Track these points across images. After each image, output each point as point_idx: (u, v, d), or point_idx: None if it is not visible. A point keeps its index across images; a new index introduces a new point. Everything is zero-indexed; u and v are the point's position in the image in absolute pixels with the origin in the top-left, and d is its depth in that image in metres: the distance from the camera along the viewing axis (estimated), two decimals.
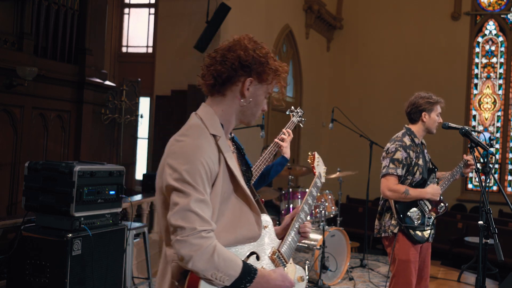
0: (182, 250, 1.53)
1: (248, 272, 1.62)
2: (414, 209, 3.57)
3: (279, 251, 1.87)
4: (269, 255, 1.82)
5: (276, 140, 3.32)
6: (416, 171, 3.59)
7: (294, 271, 1.96)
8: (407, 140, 3.60)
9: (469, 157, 3.79)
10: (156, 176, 1.73)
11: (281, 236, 1.96)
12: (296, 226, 1.99)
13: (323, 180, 2.38)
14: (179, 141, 1.67)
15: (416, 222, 3.54)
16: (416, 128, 3.69)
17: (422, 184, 3.63)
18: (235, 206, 1.73)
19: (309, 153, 2.50)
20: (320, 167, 2.41)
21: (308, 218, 6.44)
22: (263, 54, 1.76)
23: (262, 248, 1.79)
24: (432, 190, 3.60)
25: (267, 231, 1.83)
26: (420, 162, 3.62)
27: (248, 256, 1.72)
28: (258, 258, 1.75)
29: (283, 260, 1.88)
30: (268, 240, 1.82)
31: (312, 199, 2.16)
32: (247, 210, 1.75)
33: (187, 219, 1.54)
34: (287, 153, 3.31)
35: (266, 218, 1.85)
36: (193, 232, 1.53)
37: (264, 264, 1.78)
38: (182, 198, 1.57)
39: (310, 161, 2.44)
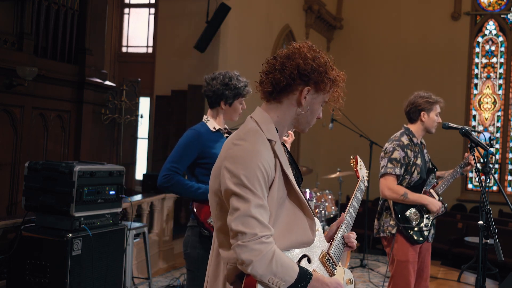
0: (243, 255, 1.55)
1: (304, 277, 1.64)
2: (413, 209, 3.57)
3: (329, 254, 1.88)
4: (320, 257, 1.83)
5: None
6: (414, 170, 3.59)
7: (343, 274, 1.97)
8: (405, 140, 3.61)
9: (471, 156, 3.79)
10: (211, 177, 1.75)
11: (329, 239, 1.97)
12: (343, 227, 2.00)
13: (366, 183, 2.39)
14: (237, 145, 1.67)
15: (414, 223, 3.54)
16: (415, 127, 3.68)
17: (421, 184, 3.63)
18: (290, 210, 1.74)
19: (351, 156, 2.50)
20: (363, 171, 2.43)
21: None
22: (322, 63, 1.77)
23: (312, 251, 1.80)
24: (433, 200, 3.60)
25: (317, 234, 1.84)
26: (419, 161, 3.62)
27: (300, 259, 1.73)
28: (309, 261, 1.76)
29: (333, 263, 1.89)
30: (317, 243, 1.83)
31: (357, 202, 2.18)
32: (301, 214, 1.76)
33: (247, 224, 1.56)
34: None
35: (316, 222, 1.86)
36: (254, 238, 1.55)
37: (315, 267, 1.78)
38: (242, 204, 1.58)
39: (352, 165, 2.45)
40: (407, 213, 3.55)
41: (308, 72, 1.73)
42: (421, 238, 3.57)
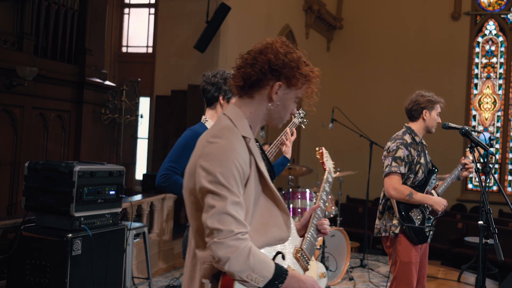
0: (219, 252, 1.54)
1: (280, 273, 1.64)
2: (416, 209, 3.57)
3: (302, 249, 1.89)
4: (294, 253, 1.84)
5: (281, 138, 3.30)
6: (419, 169, 3.58)
7: (316, 268, 1.99)
8: (408, 138, 3.59)
9: (466, 160, 3.78)
10: (185, 176, 1.74)
11: (301, 233, 1.98)
12: (314, 222, 2.01)
13: (333, 174, 2.39)
14: (212, 142, 1.66)
15: (417, 222, 3.53)
16: (416, 126, 3.67)
17: (424, 183, 3.62)
18: (265, 207, 1.75)
19: (317, 148, 2.50)
20: (329, 162, 2.43)
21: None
22: (294, 59, 1.75)
23: (286, 247, 1.81)
24: (438, 199, 3.58)
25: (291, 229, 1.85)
26: (422, 161, 3.60)
27: (275, 256, 1.73)
28: (283, 257, 1.77)
29: (306, 258, 1.90)
30: (291, 239, 1.84)
31: (325, 194, 2.18)
32: (276, 211, 1.77)
33: (223, 221, 1.56)
34: (288, 153, 3.30)
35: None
36: (230, 234, 1.55)
37: (289, 263, 1.80)
38: (218, 201, 1.58)
39: (318, 157, 2.45)
40: (411, 213, 3.54)
41: (279, 67, 1.73)
42: (423, 238, 3.56)
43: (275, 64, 1.73)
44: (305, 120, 3.43)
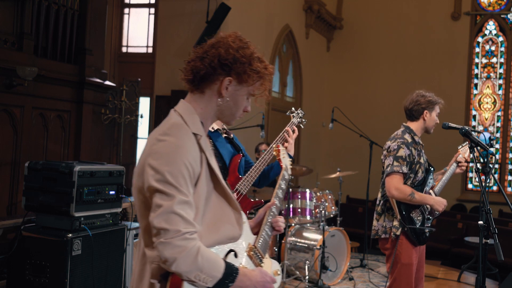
0: (166, 252, 1.52)
1: (230, 272, 1.62)
2: (416, 210, 3.55)
3: (255, 247, 1.87)
4: (246, 251, 1.82)
5: (283, 135, 3.29)
6: (419, 169, 3.57)
7: (270, 265, 1.96)
8: (408, 138, 3.58)
9: (460, 158, 3.77)
10: (134, 175, 1.69)
11: (255, 230, 1.96)
12: (269, 220, 1.99)
13: (289, 172, 2.38)
14: (161, 140, 1.62)
15: (418, 224, 3.51)
16: (416, 126, 3.66)
17: (422, 184, 3.62)
18: (216, 205, 1.72)
19: (274, 146, 2.48)
20: (286, 160, 2.41)
21: (308, 218, 6.35)
22: (246, 54, 1.71)
23: (239, 245, 1.78)
24: (438, 199, 3.57)
25: (244, 226, 1.83)
26: (422, 160, 3.60)
27: (227, 254, 1.71)
28: (236, 255, 1.75)
29: (260, 256, 1.88)
30: (244, 236, 1.82)
31: (282, 192, 2.16)
32: (228, 208, 1.75)
33: (170, 221, 1.53)
34: (291, 150, 3.29)
35: (242, 215, 1.85)
36: (177, 234, 1.52)
37: (242, 261, 1.78)
38: (165, 201, 1.54)
39: (275, 154, 2.44)
40: (412, 214, 3.52)
41: (229, 62, 1.69)
42: (424, 239, 3.55)
43: (225, 59, 1.69)
44: (303, 120, 3.42)
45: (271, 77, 1.78)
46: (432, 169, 3.73)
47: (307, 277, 5.74)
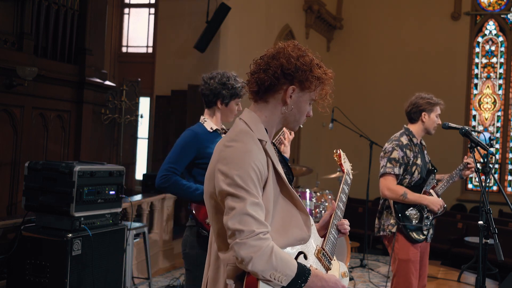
0: (242, 252, 1.56)
1: (303, 272, 1.65)
2: (413, 208, 3.61)
3: (324, 249, 1.90)
4: (315, 253, 1.85)
5: (280, 137, 3.30)
6: (415, 170, 3.63)
7: (338, 267, 1.99)
8: (404, 140, 3.65)
9: (469, 160, 3.81)
10: (206, 180, 1.76)
11: (321, 233, 1.99)
12: (335, 222, 2.03)
13: (351, 176, 2.41)
14: (229, 146, 1.68)
15: (414, 222, 3.59)
16: (415, 128, 3.72)
17: (421, 184, 3.66)
18: (284, 208, 1.75)
19: (334, 150, 2.51)
20: (347, 164, 2.45)
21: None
22: (307, 62, 1.76)
23: (308, 247, 1.81)
24: (433, 199, 3.63)
25: (311, 229, 1.85)
26: (419, 162, 3.65)
27: (297, 256, 1.74)
28: (305, 257, 1.77)
29: (328, 257, 1.91)
30: (312, 239, 1.85)
31: (345, 196, 2.19)
32: (295, 211, 1.78)
33: (244, 222, 1.58)
34: (287, 152, 3.31)
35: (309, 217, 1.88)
36: (251, 234, 1.56)
37: (311, 263, 1.80)
38: (237, 203, 1.60)
39: (336, 159, 2.47)
40: (407, 212, 3.59)
41: (292, 71, 1.75)
42: (421, 237, 3.60)
43: (287, 69, 1.74)
44: None
45: (330, 81, 1.83)
46: (435, 170, 3.77)
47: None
